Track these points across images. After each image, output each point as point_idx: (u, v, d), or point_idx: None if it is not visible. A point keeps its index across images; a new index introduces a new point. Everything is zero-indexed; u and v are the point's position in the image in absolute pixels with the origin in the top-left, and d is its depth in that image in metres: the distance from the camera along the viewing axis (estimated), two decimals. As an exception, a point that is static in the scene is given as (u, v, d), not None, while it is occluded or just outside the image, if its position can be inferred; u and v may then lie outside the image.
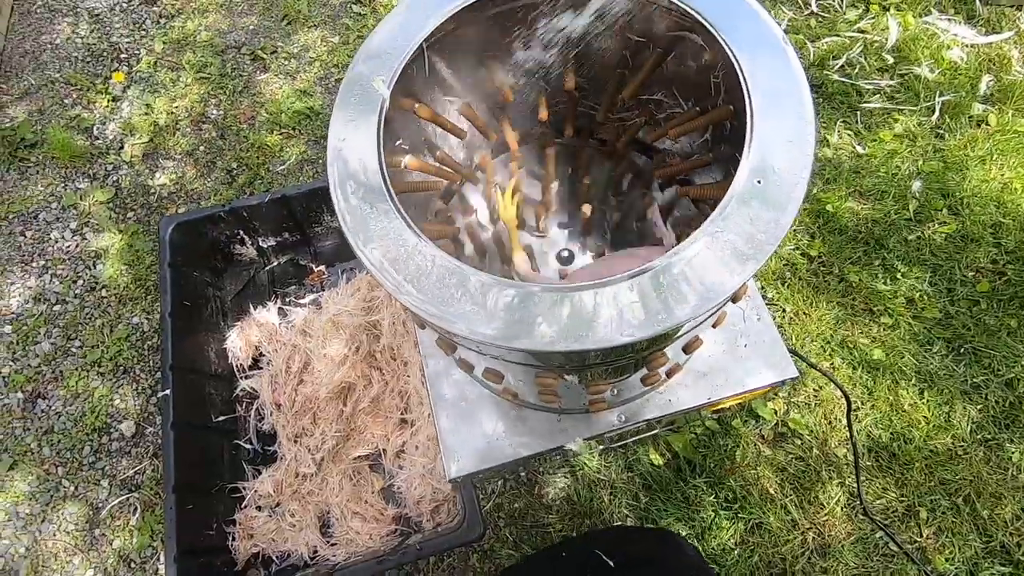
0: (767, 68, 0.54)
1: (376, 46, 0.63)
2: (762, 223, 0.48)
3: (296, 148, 1.65)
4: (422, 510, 1.17)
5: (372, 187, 0.54)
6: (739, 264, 0.47)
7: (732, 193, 0.49)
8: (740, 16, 0.57)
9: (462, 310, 0.48)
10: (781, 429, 1.21)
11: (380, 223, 0.53)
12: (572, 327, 0.46)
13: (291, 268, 1.48)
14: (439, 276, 0.50)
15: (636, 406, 0.82)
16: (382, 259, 0.51)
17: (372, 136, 0.56)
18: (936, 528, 1.11)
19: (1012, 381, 1.19)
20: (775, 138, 0.51)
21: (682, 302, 0.47)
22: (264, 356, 1.34)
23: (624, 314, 0.46)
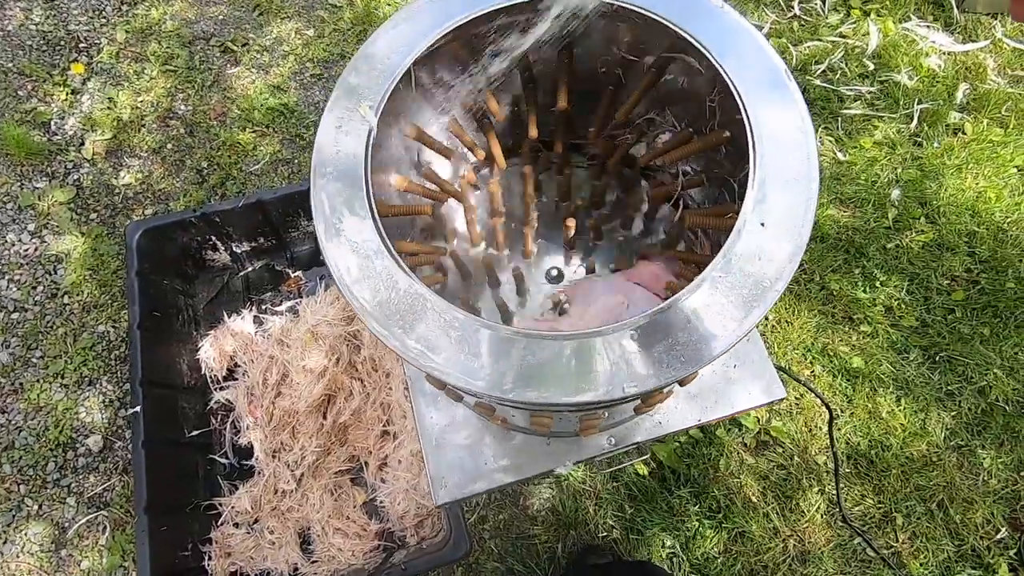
0: (768, 104, 0.52)
1: (367, 60, 0.59)
2: (766, 267, 0.47)
3: (270, 147, 1.59)
4: (406, 525, 1.15)
5: (367, 242, 0.51)
6: (743, 311, 0.46)
7: (735, 237, 0.48)
8: (741, 45, 0.55)
9: (456, 359, 0.46)
10: (763, 437, 1.22)
11: (372, 265, 0.50)
12: (574, 379, 0.45)
13: (267, 274, 1.43)
14: (432, 321, 0.48)
15: (626, 429, 0.81)
16: (373, 303, 0.48)
17: (361, 189, 0.53)
18: (911, 533, 1.14)
19: (984, 389, 1.22)
20: (777, 178, 0.50)
21: (686, 355, 0.45)
22: (240, 366, 1.30)
23: (629, 364, 0.45)
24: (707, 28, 0.56)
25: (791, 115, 0.52)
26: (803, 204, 0.48)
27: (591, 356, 0.46)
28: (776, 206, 0.49)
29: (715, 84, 0.57)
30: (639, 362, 0.45)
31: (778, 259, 0.47)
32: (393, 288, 0.49)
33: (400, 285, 0.49)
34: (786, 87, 0.53)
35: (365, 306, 0.48)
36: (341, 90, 0.58)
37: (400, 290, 0.49)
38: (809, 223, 0.48)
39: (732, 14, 0.57)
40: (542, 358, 0.46)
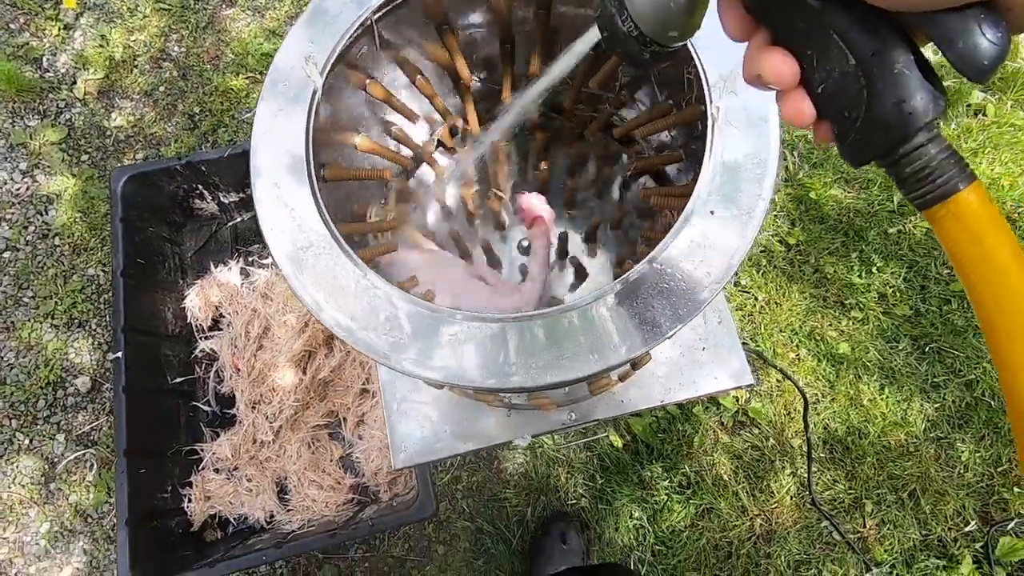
0: (736, 82, 0.48)
1: (319, 13, 0.56)
2: (710, 259, 0.45)
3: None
4: (380, 481, 1.18)
5: (316, 233, 0.49)
6: (672, 311, 0.44)
7: (684, 218, 0.46)
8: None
9: (408, 352, 0.45)
10: (741, 417, 1.22)
11: (320, 261, 0.48)
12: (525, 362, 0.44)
13: (255, 225, 1.42)
14: (383, 311, 0.46)
15: (586, 406, 0.81)
16: (321, 299, 0.47)
17: (301, 139, 0.50)
18: (880, 520, 1.15)
19: (972, 382, 1.20)
20: (737, 162, 0.47)
21: (634, 335, 0.44)
22: (225, 317, 1.31)
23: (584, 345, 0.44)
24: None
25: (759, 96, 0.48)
26: (755, 193, 0.45)
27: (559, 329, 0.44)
28: (730, 193, 0.46)
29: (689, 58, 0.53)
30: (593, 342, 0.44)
31: (724, 249, 0.45)
32: (339, 276, 0.47)
33: (345, 273, 0.47)
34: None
35: (309, 292, 0.47)
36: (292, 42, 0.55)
37: (347, 279, 0.47)
38: (762, 210, 0.45)
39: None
40: (501, 341, 0.44)
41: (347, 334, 0.45)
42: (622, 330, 0.43)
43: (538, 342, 0.44)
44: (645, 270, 0.44)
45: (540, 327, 0.44)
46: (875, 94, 0.23)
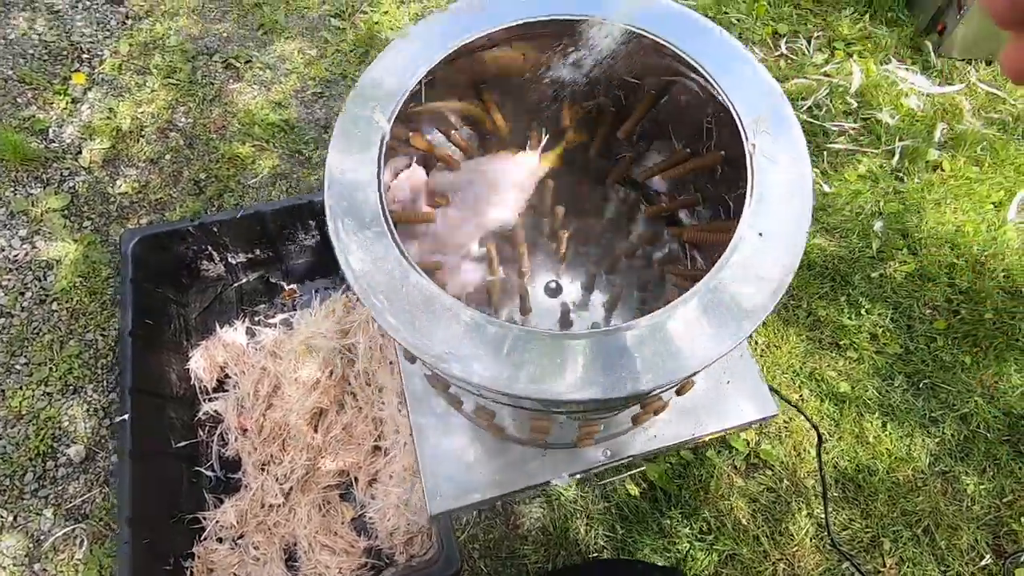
0: (766, 122, 0.55)
1: (377, 75, 0.61)
2: (764, 278, 0.49)
3: (269, 161, 1.60)
4: (395, 542, 1.13)
5: (373, 224, 0.53)
6: (736, 323, 0.48)
7: (733, 246, 0.50)
8: (735, 64, 0.58)
9: (479, 357, 0.47)
10: (753, 460, 1.23)
11: (385, 267, 0.51)
12: (586, 376, 0.46)
13: (261, 286, 1.43)
14: (452, 322, 0.49)
15: (621, 442, 0.82)
16: (394, 322, 0.49)
17: (372, 175, 0.54)
18: (898, 558, 1.15)
19: (966, 416, 1.25)
20: (774, 192, 0.53)
21: (683, 355, 0.47)
22: (230, 378, 1.29)
23: (644, 360, 0.46)
24: (705, 50, 0.59)
25: (787, 136, 0.55)
26: (800, 216, 0.51)
27: (610, 352, 0.47)
28: (774, 217, 0.51)
29: (712, 104, 0.60)
30: (652, 358, 0.46)
31: (777, 269, 0.49)
32: (409, 290, 0.50)
33: (417, 288, 0.50)
34: (782, 107, 0.56)
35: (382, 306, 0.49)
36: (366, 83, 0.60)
37: (416, 292, 0.50)
38: (804, 233, 0.51)
39: (729, 38, 0.60)
40: (569, 356, 0.47)
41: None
42: (697, 339, 0.46)
43: (627, 353, 0.47)
44: (708, 285, 0.48)
45: (626, 338, 0.47)
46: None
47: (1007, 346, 1.31)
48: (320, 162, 1.61)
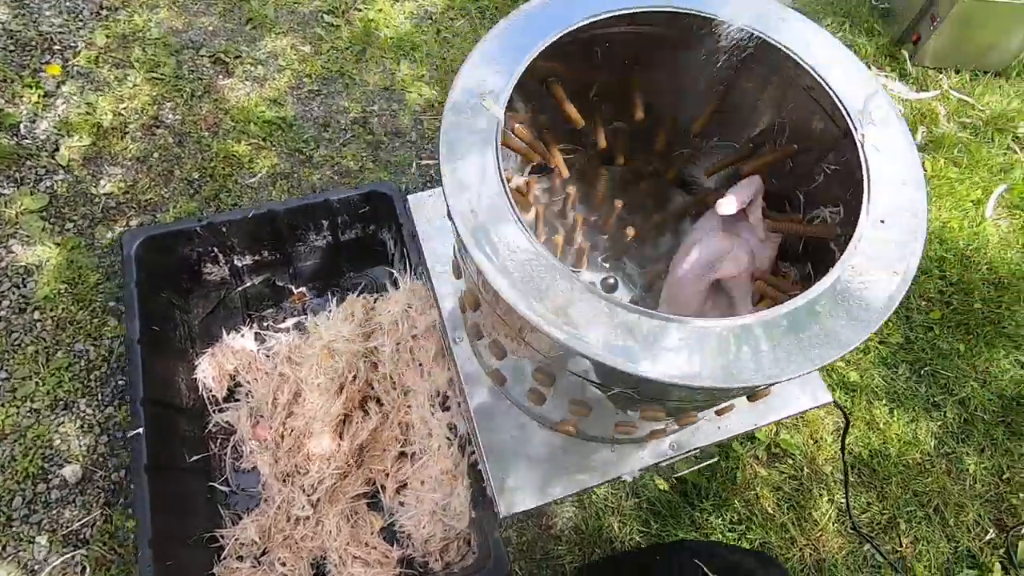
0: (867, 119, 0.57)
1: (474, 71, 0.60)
2: (896, 256, 0.50)
3: (267, 160, 1.54)
4: (430, 549, 1.10)
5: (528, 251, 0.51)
6: (868, 310, 0.49)
7: (859, 234, 0.52)
8: (830, 51, 0.60)
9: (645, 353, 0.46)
10: (774, 450, 1.27)
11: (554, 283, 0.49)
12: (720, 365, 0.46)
13: (267, 289, 1.36)
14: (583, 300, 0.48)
15: (687, 434, 0.82)
16: (553, 315, 0.47)
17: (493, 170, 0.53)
18: (913, 537, 1.21)
19: (964, 400, 1.33)
20: (885, 179, 0.54)
21: (827, 342, 0.48)
22: (241, 386, 1.22)
23: (775, 352, 0.47)
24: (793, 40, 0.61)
25: (893, 130, 0.57)
26: (916, 202, 0.52)
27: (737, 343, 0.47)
28: (889, 207, 0.53)
29: (803, 95, 0.61)
30: (787, 348, 0.47)
31: (903, 250, 0.51)
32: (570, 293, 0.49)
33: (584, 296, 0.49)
34: (880, 96, 0.58)
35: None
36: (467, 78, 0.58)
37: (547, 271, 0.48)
38: (924, 218, 0.52)
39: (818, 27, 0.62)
40: (704, 344, 0.47)
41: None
42: (839, 326, 0.47)
43: (755, 342, 0.47)
44: (837, 276, 0.49)
45: (783, 322, 0.47)
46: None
47: (996, 333, 1.40)
48: (322, 161, 1.56)
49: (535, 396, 0.71)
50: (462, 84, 0.58)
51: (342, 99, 1.67)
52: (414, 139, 1.63)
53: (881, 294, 0.49)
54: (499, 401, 0.84)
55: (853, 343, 0.47)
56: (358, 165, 1.57)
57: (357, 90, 1.69)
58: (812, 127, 0.64)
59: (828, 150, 0.64)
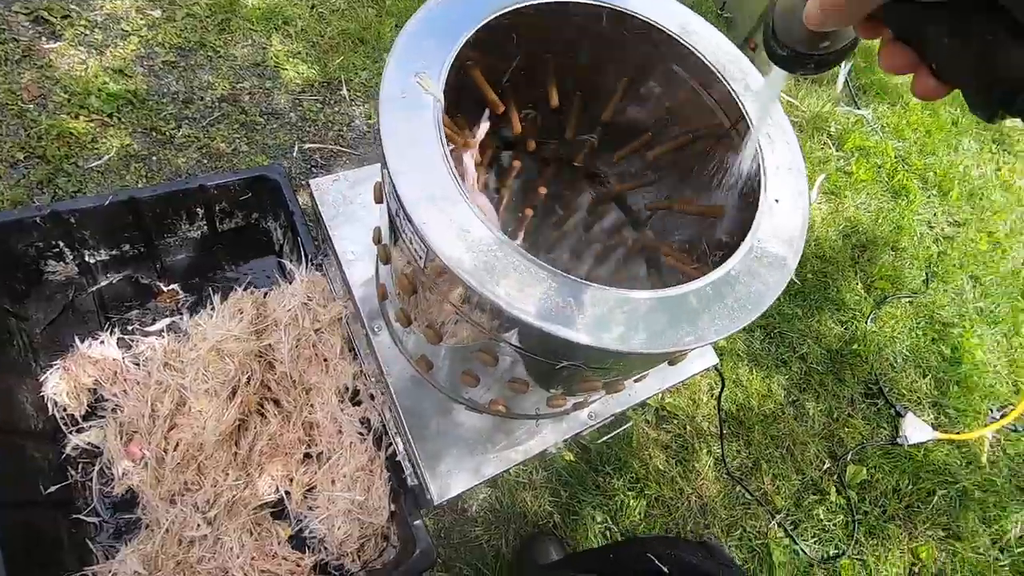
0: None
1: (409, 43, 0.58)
2: (788, 229, 0.59)
3: (116, 139, 1.33)
4: (346, 550, 1.05)
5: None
6: (780, 271, 0.57)
7: (760, 213, 0.59)
8: (723, 43, 0.68)
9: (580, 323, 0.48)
10: (662, 412, 1.40)
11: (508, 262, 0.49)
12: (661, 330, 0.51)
13: (128, 288, 1.19)
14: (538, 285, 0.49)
15: (601, 403, 0.89)
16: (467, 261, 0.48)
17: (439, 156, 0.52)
18: (772, 475, 1.41)
19: (804, 355, 1.58)
20: (776, 165, 0.63)
21: (745, 305, 0.55)
22: (106, 400, 1.06)
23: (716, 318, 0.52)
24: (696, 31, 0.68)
25: (778, 115, 0.66)
26: (801, 187, 0.62)
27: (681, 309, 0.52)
28: (783, 189, 0.62)
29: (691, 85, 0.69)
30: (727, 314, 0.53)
31: (795, 223, 0.60)
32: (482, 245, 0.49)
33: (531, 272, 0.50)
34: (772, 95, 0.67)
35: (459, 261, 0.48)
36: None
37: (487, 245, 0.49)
38: (807, 197, 0.62)
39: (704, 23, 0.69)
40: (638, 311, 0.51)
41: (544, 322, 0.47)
42: (757, 289, 0.54)
43: (692, 309, 0.52)
44: (750, 247, 0.56)
45: (693, 297, 0.53)
46: (982, 64, 0.27)
47: (824, 299, 1.68)
48: (186, 142, 1.39)
49: (469, 378, 0.71)
50: (398, 62, 0.56)
51: (205, 73, 1.50)
52: (294, 120, 1.52)
53: (780, 262, 0.58)
54: (424, 388, 0.83)
55: (766, 303, 0.54)
56: (230, 147, 1.42)
57: (223, 64, 1.53)
58: (707, 117, 0.72)
59: (721, 138, 0.72)
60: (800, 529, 1.36)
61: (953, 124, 2.32)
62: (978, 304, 1.84)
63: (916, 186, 2.05)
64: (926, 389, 1.63)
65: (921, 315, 1.77)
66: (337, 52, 1.63)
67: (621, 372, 0.64)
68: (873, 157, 2.06)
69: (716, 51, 0.67)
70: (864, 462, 1.48)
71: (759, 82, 0.66)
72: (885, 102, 2.26)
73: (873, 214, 1.92)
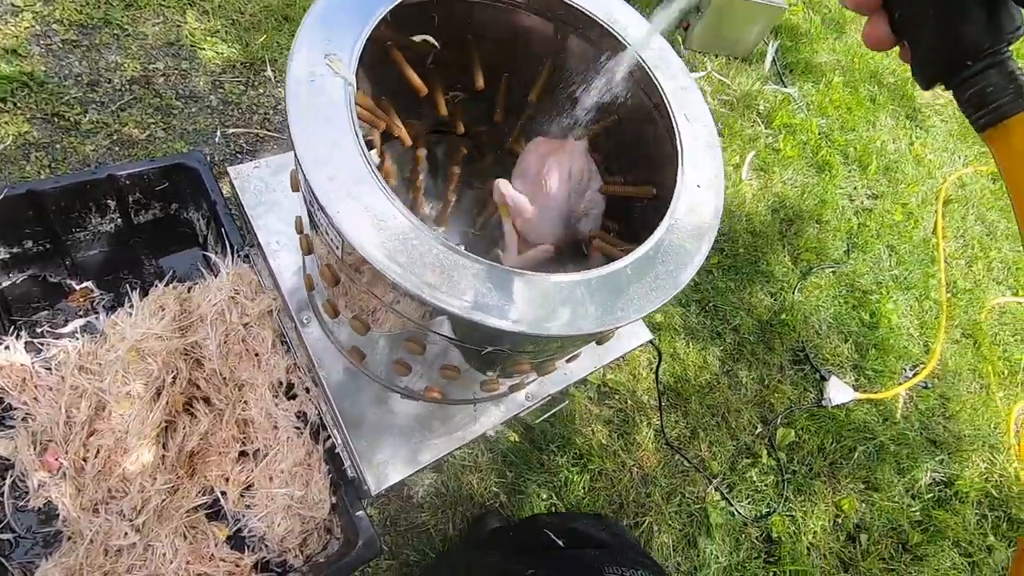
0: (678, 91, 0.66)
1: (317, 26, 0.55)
2: (702, 216, 0.61)
3: (12, 126, 1.23)
4: (288, 546, 1.03)
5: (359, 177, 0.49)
6: (697, 242, 0.59)
7: (678, 194, 0.61)
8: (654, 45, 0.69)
9: (484, 303, 0.48)
10: (603, 389, 1.44)
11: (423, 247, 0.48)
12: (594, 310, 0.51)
13: (36, 288, 1.11)
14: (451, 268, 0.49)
15: (537, 384, 0.90)
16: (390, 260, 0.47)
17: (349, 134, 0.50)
18: (709, 442, 1.48)
19: (737, 327, 1.65)
20: (696, 148, 0.65)
21: (664, 284, 0.56)
22: (15, 409, 0.99)
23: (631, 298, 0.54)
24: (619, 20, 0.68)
25: (696, 100, 0.67)
26: (719, 168, 0.63)
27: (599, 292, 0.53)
28: (703, 172, 0.63)
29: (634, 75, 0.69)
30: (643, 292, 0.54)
31: (711, 207, 0.61)
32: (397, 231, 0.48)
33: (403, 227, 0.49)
34: (688, 79, 0.68)
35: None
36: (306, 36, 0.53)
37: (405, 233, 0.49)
38: (722, 185, 0.64)
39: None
40: (565, 296, 0.51)
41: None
42: (677, 267, 0.56)
43: (611, 294, 0.53)
44: (668, 226, 0.58)
45: (609, 280, 0.54)
46: (941, 23, 0.27)
47: (755, 272, 1.75)
48: (94, 128, 1.29)
49: (401, 367, 0.70)
50: (306, 43, 0.54)
51: (112, 53, 1.40)
52: (214, 104, 1.44)
53: (697, 240, 0.59)
54: (357, 378, 0.82)
55: (684, 282, 0.56)
56: (145, 134, 1.33)
57: (132, 43, 1.43)
58: (632, 99, 0.72)
59: (645, 121, 0.73)
60: (735, 491, 1.44)
61: (871, 101, 2.45)
62: (893, 272, 1.97)
63: (838, 161, 2.16)
64: (847, 353, 1.74)
65: (843, 284, 1.88)
66: (259, 30, 1.55)
67: (547, 354, 0.65)
68: (799, 134, 2.15)
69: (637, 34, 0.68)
70: (792, 425, 1.57)
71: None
72: (809, 80, 2.36)
73: (799, 189, 2.01)
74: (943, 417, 1.73)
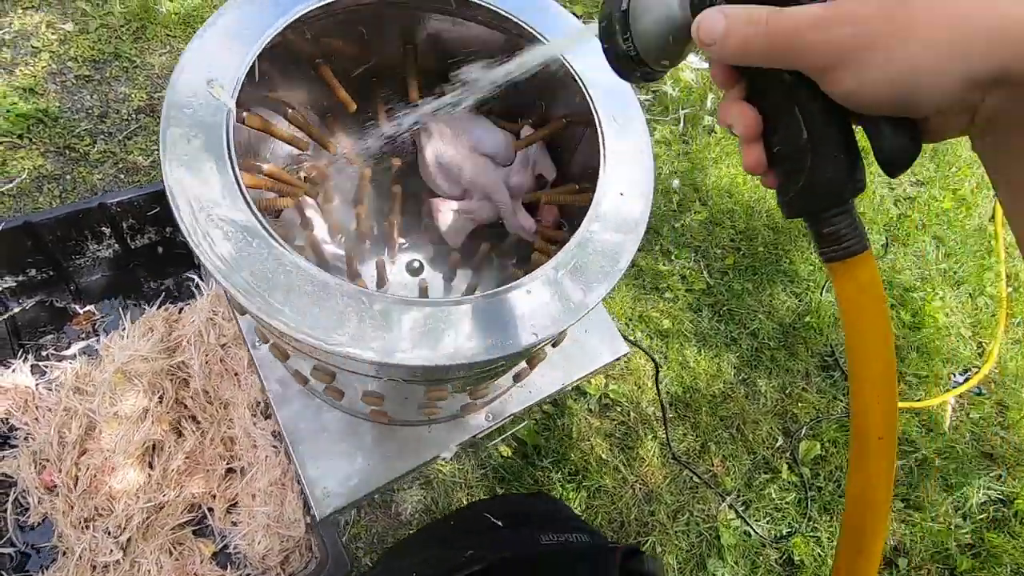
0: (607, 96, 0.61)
1: (206, 49, 0.54)
2: (623, 229, 0.55)
3: (28, 161, 1.31)
4: (270, 564, 1.04)
5: (241, 223, 0.47)
6: (610, 265, 0.53)
7: (596, 203, 0.56)
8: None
9: (375, 339, 0.45)
10: (604, 401, 1.38)
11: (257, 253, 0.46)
12: (484, 335, 0.48)
13: (43, 313, 1.17)
14: (337, 305, 0.46)
15: (500, 403, 0.86)
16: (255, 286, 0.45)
17: (224, 162, 0.49)
18: (722, 456, 1.39)
19: (755, 331, 1.54)
20: (623, 154, 0.59)
21: (573, 306, 0.51)
22: (18, 430, 1.05)
23: (538, 315, 0.49)
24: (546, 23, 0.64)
25: (627, 105, 0.62)
26: (645, 173, 0.58)
27: (504, 308, 0.49)
28: (626, 177, 0.58)
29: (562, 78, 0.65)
30: (550, 312, 0.50)
31: (633, 221, 0.56)
32: (272, 263, 0.46)
33: (281, 261, 0.46)
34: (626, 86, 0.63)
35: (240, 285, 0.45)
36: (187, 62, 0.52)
37: (281, 266, 0.46)
38: (650, 191, 0.58)
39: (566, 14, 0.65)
40: (455, 320, 0.48)
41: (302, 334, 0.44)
42: (587, 283, 0.51)
43: (504, 317, 0.49)
44: (583, 235, 0.53)
45: (501, 302, 0.50)
46: (816, 169, 0.29)
47: (776, 271, 1.64)
48: (102, 158, 1.36)
49: (333, 392, 0.69)
50: (190, 67, 0.53)
51: (121, 85, 1.47)
52: (214, 127, 1.48)
53: (614, 254, 0.54)
54: (308, 400, 0.80)
55: (604, 291, 0.51)
56: (148, 160, 1.39)
57: (140, 74, 1.49)
58: (574, 103, 0.68)
59: (586, 124, 0.68)
60: (751, 510, 1.34)
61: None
62: (941, 265, 1.79)
63: (876, 148, 1.98)
64: (884, 358, 1.59)
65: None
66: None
67: (459, 384, 0.62)
68: (830, 121, 2.00)
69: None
70: (818, 437, 1.45)
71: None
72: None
73: (830, 180, 1.86)
74: (1000, 427, 1.56)
